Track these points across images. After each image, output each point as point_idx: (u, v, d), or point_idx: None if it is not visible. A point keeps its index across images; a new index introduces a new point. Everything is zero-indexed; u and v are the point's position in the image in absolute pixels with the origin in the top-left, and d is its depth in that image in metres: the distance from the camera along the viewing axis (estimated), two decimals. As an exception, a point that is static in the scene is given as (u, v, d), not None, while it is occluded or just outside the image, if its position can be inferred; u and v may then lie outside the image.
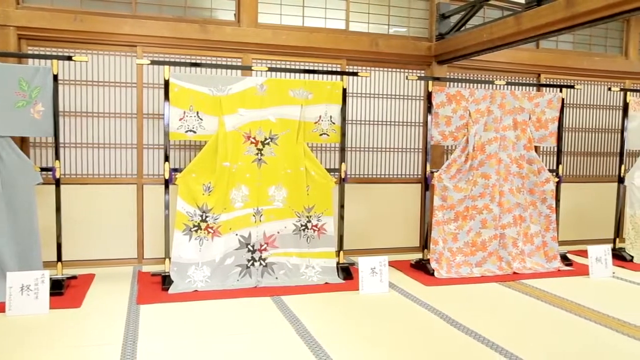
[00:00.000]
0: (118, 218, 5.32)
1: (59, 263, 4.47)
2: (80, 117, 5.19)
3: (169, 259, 4.62)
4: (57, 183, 4.44)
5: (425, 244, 5.44)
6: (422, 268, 5.30)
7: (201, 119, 4.65)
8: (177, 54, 5.34)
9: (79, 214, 5.20)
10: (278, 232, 4.87)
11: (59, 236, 4.50)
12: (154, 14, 5.31)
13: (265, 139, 4.81)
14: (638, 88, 6.90)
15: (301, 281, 4.78)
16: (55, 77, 4.33)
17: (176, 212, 4.61)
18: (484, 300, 4.50)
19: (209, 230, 4.68)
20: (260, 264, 4.80)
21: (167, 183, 4.65)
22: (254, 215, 4.81)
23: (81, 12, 5.07)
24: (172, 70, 4.82)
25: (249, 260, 4.78)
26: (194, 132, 4.65)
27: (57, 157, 4.40)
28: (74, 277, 4.55)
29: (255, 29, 5.50)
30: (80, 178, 5.22)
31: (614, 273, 5.36)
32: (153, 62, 4.65)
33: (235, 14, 5.56)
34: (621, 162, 6.11)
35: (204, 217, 4.66)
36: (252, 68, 4.86)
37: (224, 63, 5.46)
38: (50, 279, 4.06)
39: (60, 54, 5.01)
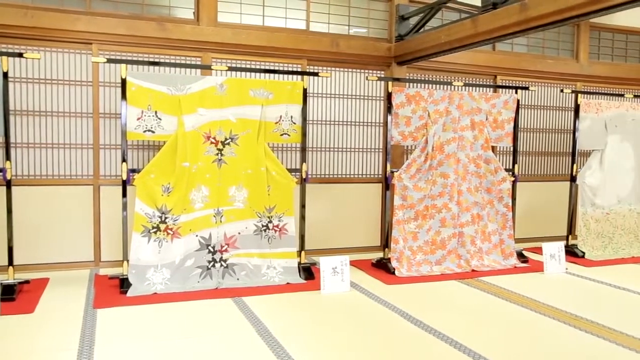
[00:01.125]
0: (73, 220, 5.18)
1: (11, 267, 4.32)
2: (33, 116, 5.03)
3: (127, 261, 4.52)
4: (8, 184, 4.30)
5: (386, 243, 5.49)
6: (383, 267, 5.35)
7: (160, 119, 4.57)
8: (135, 52, 5.24)
9: (32, 216, 5.03)
10: (239, 233, 4.83)
11: (10, 239, 4.35)
12: (109, 11, 5.19)
13: (226, 139, 4.77)
14: (588, 90, 7.14)
15: (263, 282, 4.76)
16: (6, 75, 4.19)
17: (134, 213, 4.51)
18: (444, 297, 4.57)
19: (169, 231, 4.61)
20: (221, 265, 4.76)
21: (124, 184, 4.55)
22: (214, 216, 4.76)
23: (32, 7, 4.91)
24: (130, 69, 4.72)
25: (209, 262, 4.73)
26: (153, 132, 4.57)
27: (7, 157, 4.26)
28: (26, 282, 4.40)
29: (215, 27, 5.45)
30: (33, 179, 5.06)
31: (567, 269, 5.53)
32: (109, 61, 4.55)
33: (194, 13, 5.49)
34: (573, 162, 6.31)
35: (163, 219, 4.58)
36: (212, 67, 4.81)
37: (183, 62, 5.39)
38: (1, 284, 3.92)
39: (10, 50, 4.83)
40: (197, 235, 4.71)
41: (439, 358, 3.24)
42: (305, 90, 4.96)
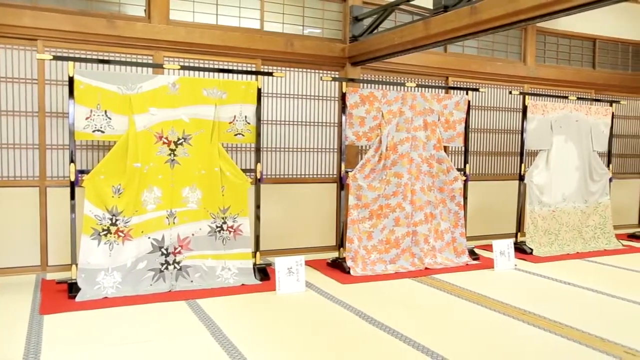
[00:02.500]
0: (18, 223, 4.98)
1: (-50, 273, 4.12)
2: (-26, 116, 4.82)
3: (76, 265, 4.39)
4: (-53, 187, 4.10)
5: (341, 242, 5.52)
6: (338, 266, 5.38)
7: (110, 118, 4.45)
8: (83, 50, 5.09)
9: (-27, 219, 4.82)
10: (193, 234, 4.76)
11: (-51, 244, 4.15)
12: (56, 6, 5.02)
13: (178, 139, 4.69)
14: (535, 92, 7.37)
15: (217, 283, 4.70)
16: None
17: (83, 215, 4.38)
18: (399, 296, 4.63)
19: (120, 234, 4.49)
20: (175, 267, 4.68)
21: (73, 185, 4.41)
22: (167, 218, 4.67)
23: (-27, 2, 4.70)
24: (78, 67, 4.58)
25: (162, 264, 4.64)
26: (102, 131, 4.45)
27: (-54, 158, 4.06)
28: (-33, 288, 4.22)
29: (167, 25, 5.35)
30: (-25, 181, 4.85)
31: (516, 265, 5.70)
32: (56, 58, 4.39)
33: (145, 10, 5.37)
34: (521, 161, 6.51)
35: (113, 221, 4.47)
36: (164, 66, 4.72)
37: (133, 60, 5.26)
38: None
39: (-51, 46, 4.62)
40: (149, 237, 4.61)
41: (394, 356, 3.28)
42: (259, 90, 4.93)
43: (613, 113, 7.13)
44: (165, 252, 4.66)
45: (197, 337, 3.52)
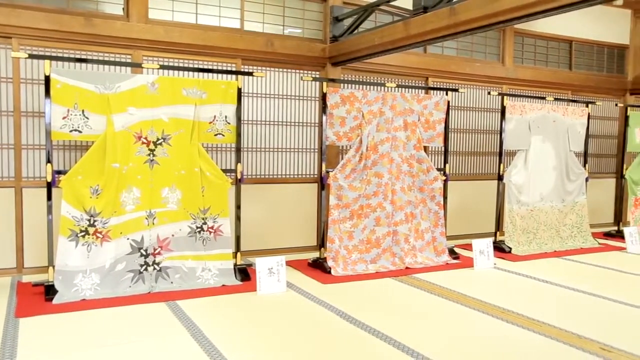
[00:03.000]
0: (-7, 225, 4.89)
1: None
2: (-53, 115, 4.72)
3: (53, 267, 4.32)
4: None
5: (322, 242, 5.53)
6: (319, 266, 5.38)
7: (87, 118, 4.39)
8: (60, 48, 5.01)
9: (-54, 221, 4.72)
10: (172, 235, 4.72)
11: None
12: (32, 4, 4.93)
13: (158, 139, 4.65)
14: (513, 93, 7.46)
15: (197, 284, 4.67)
16: None
17: (60, 217, 4.32)
18: (380, 295, 4.65)
19: (98, 235, 4.44)
20: (154, 268, 4.63)
21: (49, 186, 4.34)
22: (146, 218, 4.62)
23: (-54, -1, 4.60)
24: (54, 66, 4.50)
25: (141, 265, 4.59)
26: (80, 131, 4.39)
27: None
28: (-60, 292, 4.12)
29: (146, 24, 5.29)
30: (-52, 182, 4.75)
31: (495, 264, 5.76)
32: (31, 56, 4.31)
33: (123, 8, 5.31)
34: (500, 161, 6.58)
35: (91, 222, 4.41)
36: (143, 65, 4.67)
37: (112, 59, 5.20)
38: None
39: None
40: (128, 239, 4.56)
41: (375, 355, 3.29)
42: (239, 90, 4.91)
43: (589, 114, 7.24)
44: (144, 253, 4.61)
45: (177, 338, 3.49)
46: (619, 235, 7.30)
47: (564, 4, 3.61)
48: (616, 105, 8.35)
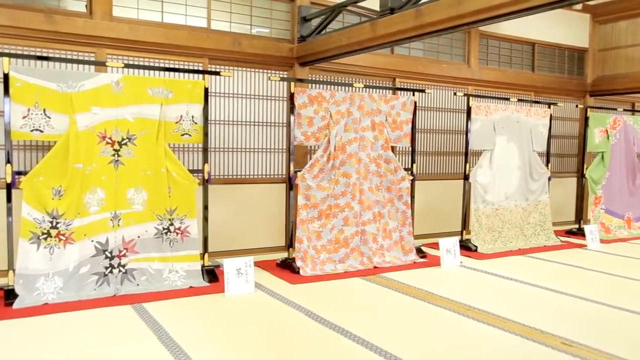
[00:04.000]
0: (-50, 228, 4.72)
1: None
2: None
3: (14, 270, 4.20)
4: None
5: (290, 242, 5.52)
6: (287, 267, 5.37)
7: (49, 117, 4.29)
8: (19, 46, 4.87)
9: None
10: (138, 237, 4.65)
11: None
12: (-10, 1, 4.79)
13: (123, 139, 4.57)
14: (479, 94, 7.60)
15: (164, 286, 4.60)
16: None
17: (21, 219, 4.20)
18: (348, 295, 4.67)
19: (61, 237, 4.34)
20: (120, 270, 4.55)
21: (9, 187, 4.22)
22: (111, 220, 4.54)
23: None
24: (14, 63, 4.38)
25: (106, 268, 4.50)
26: (41, 131, 4.28)
27: None
28: None
29: (110, 22, 5.19)
30: None
31: (461, 262, 5.85)
32: (-11, 54, 4.19)
33: (86, 5, 5.20)
34: (466, 161, 6.69)
35: (54, 224, 4.30)
36: (107, 64, 4.59)
37: (75, 57, 5.08)
38: None
39: None
40: (92, 241, 4.47)
41: (344, 355, 3.31)
42: (206, 90, 4.87)
43: (551, 114, 7.42)
44: (109, 255, 4.52)
45: (144, 342, 3.44)
46: (580, 233, 7.49)
47: (526, 7, 3.69)
48: (577, 106, 8.58)
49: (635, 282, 5.18)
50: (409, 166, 6.19)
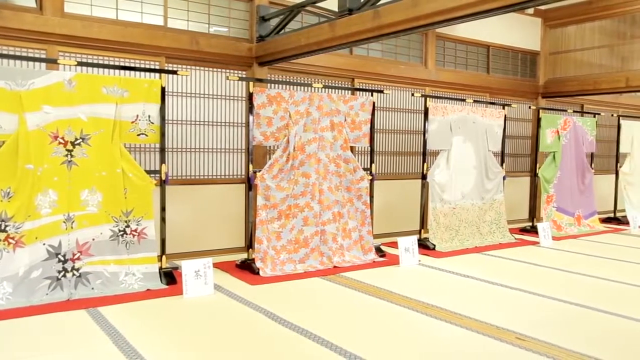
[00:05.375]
0: None
1: None
2: None
3: (-41, 276, 4.03)
4: None
5: (250, 243, 5.48)
6: (247, 268, 5.34)
7: (-4, 117, 4.13)
8: (-35, 42, 4.68)
9: None
10: (93, 239, 4.53)
11: None
12: None
13: (76, 139, 4.44)
14: (436, 95, 7.73)
15: (120, 290, 4.50)
16: None
17: (-33, 222, 4.04)
18: (308, 295, 4.67)
19: (10, 240, 4.18)
20: (73, 274, 4.42)
21: (-46, 189, 4.05)
22: (64, 222, 4.41)
23: None
24: (-41, 60, 4.21)
25: (59, 272, 4.37)
26: (-12, 131, 4.12)
27: None
28: None
29: (62, 18, 5.04)
30: None
31: (420, 261, 5.93)
32: None
33: (36, 0, 5.03)
34: (424, 161, 6.79)
35: (2, 227, 4.15)
36: (59, 62, 4.46)
37: (24, 54, 4.91)
38: None
39: None
40: (44, 244, 4.33)
41: (305, 355, 3.31)
42: (163, 89, 4.78)
43: (505, 115, 7.61)
44: (62, 258, 4.39)
45: (99, 347, 3.35)
46: (534, 231, 7.71)
47: (480, 10, 3.77)
48: (529, 107, 8.83)
49: (586, 278, 5.37)
50: (368, 166, 6.24)
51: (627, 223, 8.69)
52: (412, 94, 6.83)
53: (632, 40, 9.25)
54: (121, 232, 4.63)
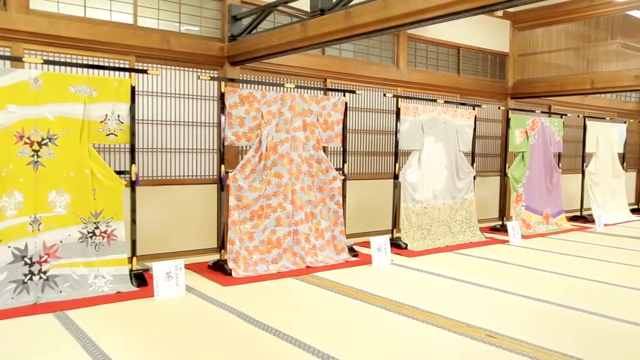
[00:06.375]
0: None
1: None
2: None
3: None
4: None
5: (222, 244, 5.44)
6: (219, 269, 5.30)
7: (-41, 116, 4.02)
8: None
9: None
10: (61, 242, 4.44)
11: None
12: None
13: (43, 139, 4.34)
14: (407, 95, 7.79)
15: (90, 292, 4.42)
16: None
17: None
18: (281, 295, 4.66)
19: (-27, 243, 4.07)
20: (41, 277, 4.33)
21: None
22: (30, 224, 4.31)
23: None
24: None
25: (26, 275, 4.27)
26: (-50, 130, 4.01)
27: None
28: None
29: (27, 15, 4.93)
30: None
31: (392, 260, 5.97)
32: None
33: (1, -2, 4.92)
34: (396, 161, 6.84)
35: (-34, 229, 4.04)
36: (24, 60, 4.35)
37: (-12, 52, 4.80)
38: None
39: None
40: (9, 247, 4.22)
41: (277, 356, 3.30)
42: (133, 88, 4.71)
43: (475, 116, 7.72)
44: (29, 261, 4.29)
45: (67, 351, 3.28)
46: (504, 229, 7.83)
47: (449, 12, 3.82)
48: (499, 108, 8.98)
49: (554, 275, 5.49)
50: (341, 166, 6.25)
51: (593, 221, 8.89)
52: (384, 95, 6.88)
53: (596, 44, 9.50)
54: (90, 234, 4.55)
